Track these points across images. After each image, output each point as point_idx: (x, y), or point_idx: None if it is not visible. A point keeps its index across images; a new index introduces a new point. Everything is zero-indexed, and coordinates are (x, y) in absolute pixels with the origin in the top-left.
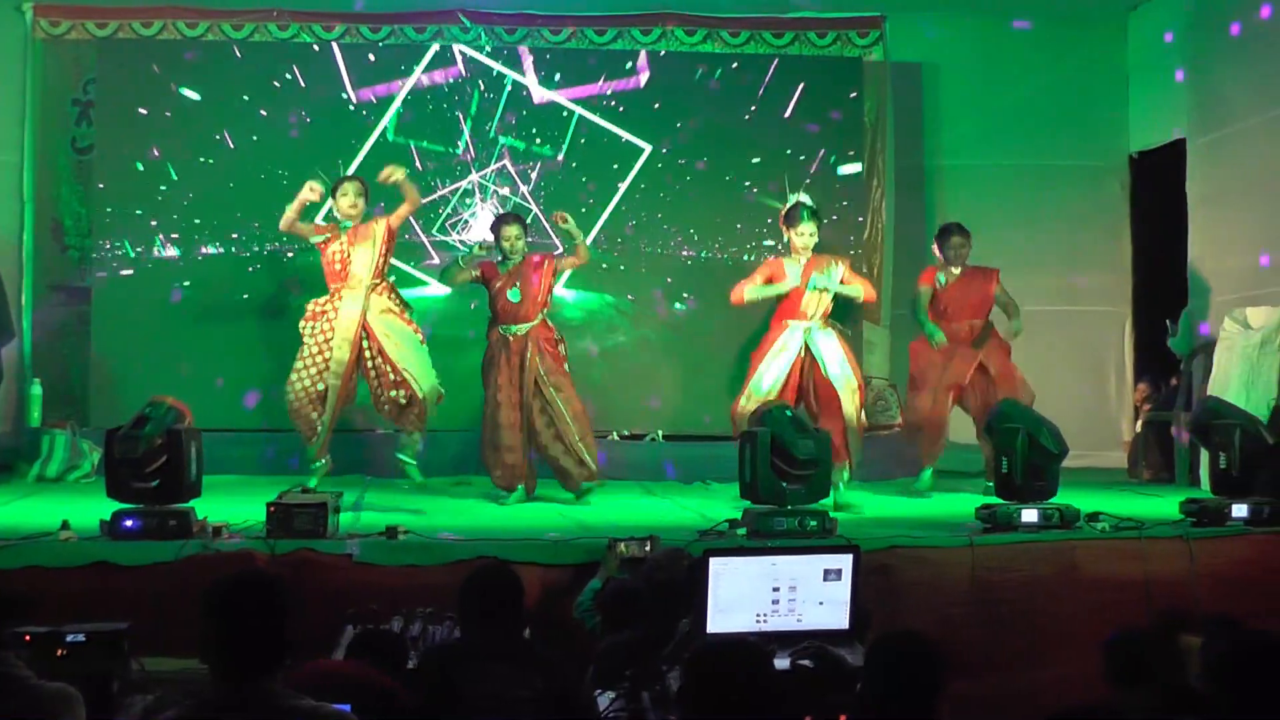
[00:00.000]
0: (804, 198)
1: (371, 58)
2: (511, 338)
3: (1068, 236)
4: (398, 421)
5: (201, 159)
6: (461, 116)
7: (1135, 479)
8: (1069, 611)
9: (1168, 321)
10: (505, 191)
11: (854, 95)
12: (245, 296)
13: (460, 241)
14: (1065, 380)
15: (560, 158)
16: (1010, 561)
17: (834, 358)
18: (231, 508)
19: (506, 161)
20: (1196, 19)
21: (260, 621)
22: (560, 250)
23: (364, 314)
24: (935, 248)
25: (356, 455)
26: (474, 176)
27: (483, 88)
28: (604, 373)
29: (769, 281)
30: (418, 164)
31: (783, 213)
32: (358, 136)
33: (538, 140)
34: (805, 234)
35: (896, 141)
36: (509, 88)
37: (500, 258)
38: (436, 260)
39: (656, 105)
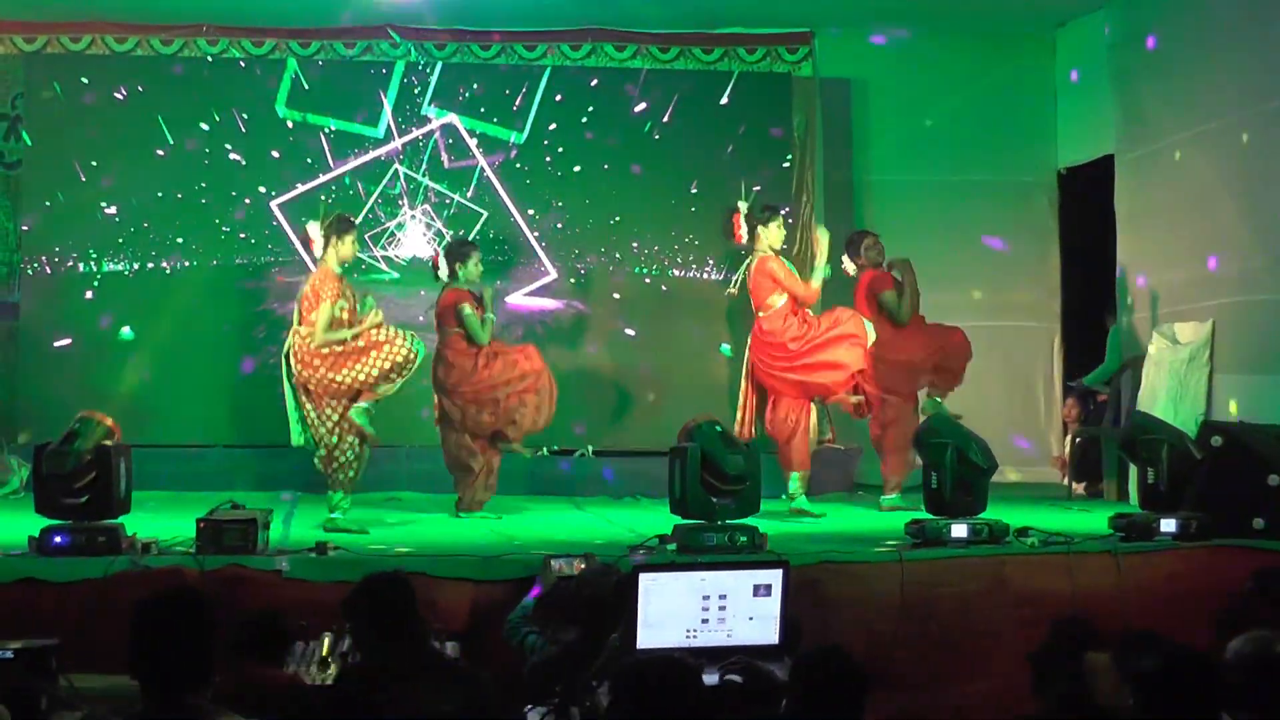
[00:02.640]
0: (743, 205)
1: (302, 74)
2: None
3: (996, 252)
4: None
5: (133, 174)
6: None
7: (1064, 494)
8: (998, 627)
9: (1106, 315)
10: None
11: (783, 111)
12: (177, 311)
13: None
14: (995, 395)
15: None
16: (939, 576)
17: None
18: (161, 524)
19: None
20: (1122, 36)
21: (189, 637)
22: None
23: None
24: (860, 257)
25: (286, 470)
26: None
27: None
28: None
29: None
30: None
31: (759, 213)
32: (291, 154)
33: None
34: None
35: (825, 156)
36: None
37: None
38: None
39: (584, 120)
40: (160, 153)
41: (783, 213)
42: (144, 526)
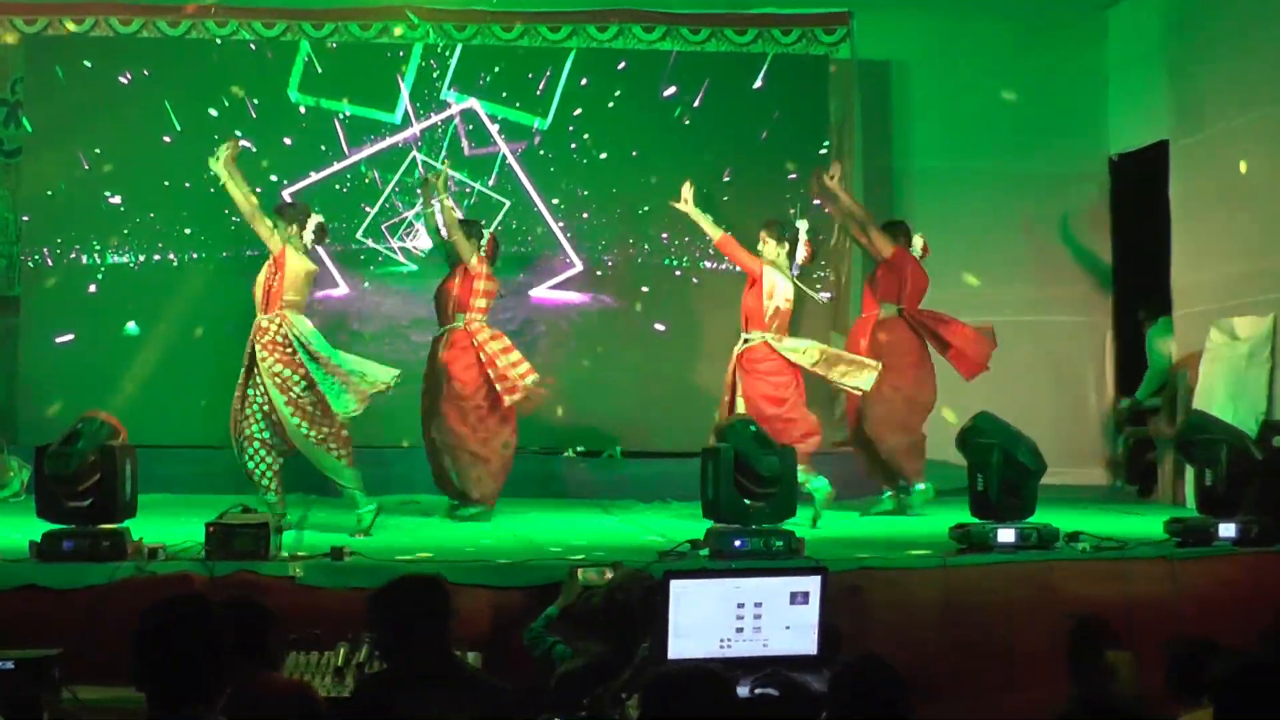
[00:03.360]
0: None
1: (315, 57)
2: None
3: (1044, 243)
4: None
5: (138, 162)
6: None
7: (1117, 497)
8: (1046, 636)
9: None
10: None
11: (819, 94)
12: (185, 305)
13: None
14: (1043, 394)
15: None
16: (985, 583)
17: None
18: (169, 528)
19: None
20: (1178, 16)
21: (197, 647)
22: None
23: None
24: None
25: (299, 473)
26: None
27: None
28: (570, 385)
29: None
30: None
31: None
32: (304, 141)
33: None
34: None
35: (864, 143)
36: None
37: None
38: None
39: (610, 105)
40: (167, 139)
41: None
42: (150, 531)
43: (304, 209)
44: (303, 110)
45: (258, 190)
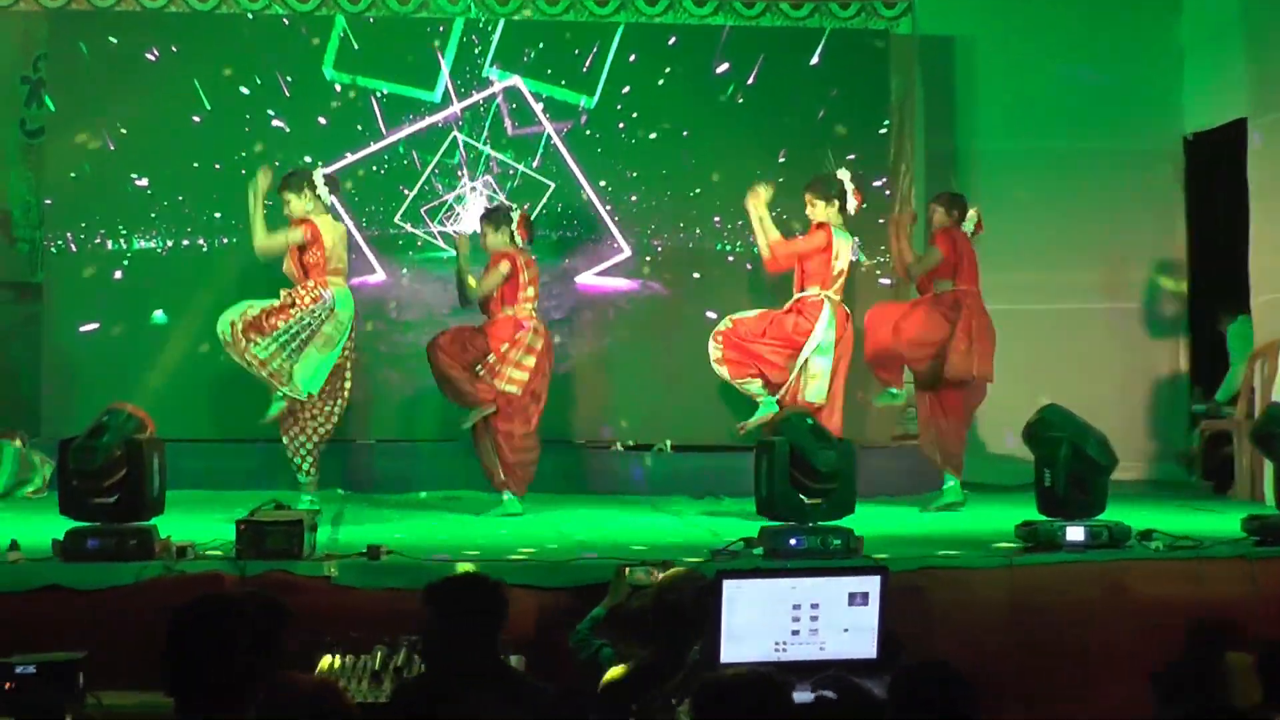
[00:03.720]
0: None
1: (351, 33)
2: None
3: (1115, 227)
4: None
5: (166, 143)
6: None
7: (1191, 493)
8: (1117, 639)
9: (1220, 316)
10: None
11: (879, 72)
12: (215, 293)
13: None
14: (1114, 385)
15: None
16: (1053, 584)
17: None
18: (198, 526)
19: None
20: None
21: (228, 650)
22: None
23: None
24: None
25: (334, 467)
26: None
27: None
28: (617, 376)
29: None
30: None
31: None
32: (339, 120)
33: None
34: None
35: (926, 123)
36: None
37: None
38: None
39: (660, 83)
40: (196, 119)
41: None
42: (179, 529)
43: (303, 172)
44: (338, 88)
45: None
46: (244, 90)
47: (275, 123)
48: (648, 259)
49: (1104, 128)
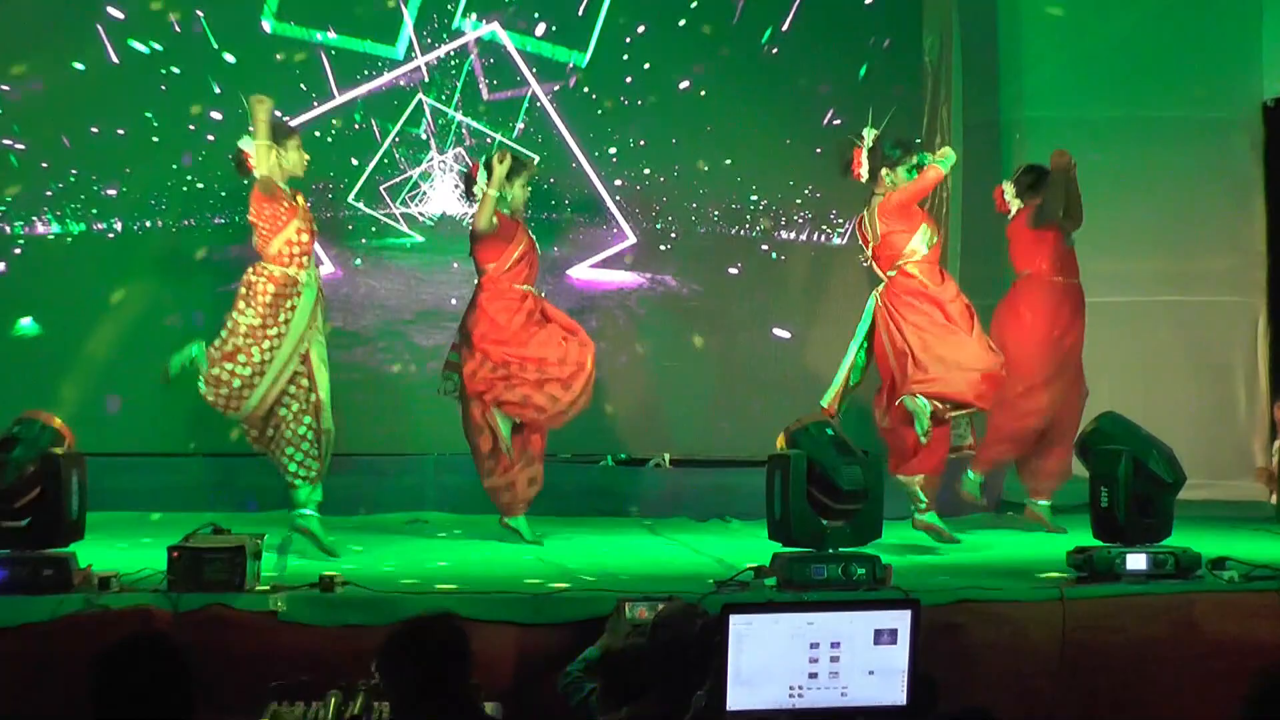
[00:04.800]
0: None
1: None
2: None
3: (1184, 207)
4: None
5: (58, 101)
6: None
7: (1272, 516)
8: (1185, 683)
9: None
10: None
11: (910, 28)
12: (136, 286)
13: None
14: (1181, 390)
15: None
16: (1112, 620)
17: None
18: (125, 553)
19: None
20: None
21: (160, 697)
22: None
23: None
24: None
25: (280, 486)
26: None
27: None
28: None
29: None
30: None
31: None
32: (281, 79)
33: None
34: None
35: (965, 89)
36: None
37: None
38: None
39: (675, 31)
40: (91, 70)
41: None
42: (102, 557)
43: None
44: (279, 40)
45: (210, 139)
46: (156, 45)
47: (197, 79)
48: (663, 248)
49: (1169, 94)
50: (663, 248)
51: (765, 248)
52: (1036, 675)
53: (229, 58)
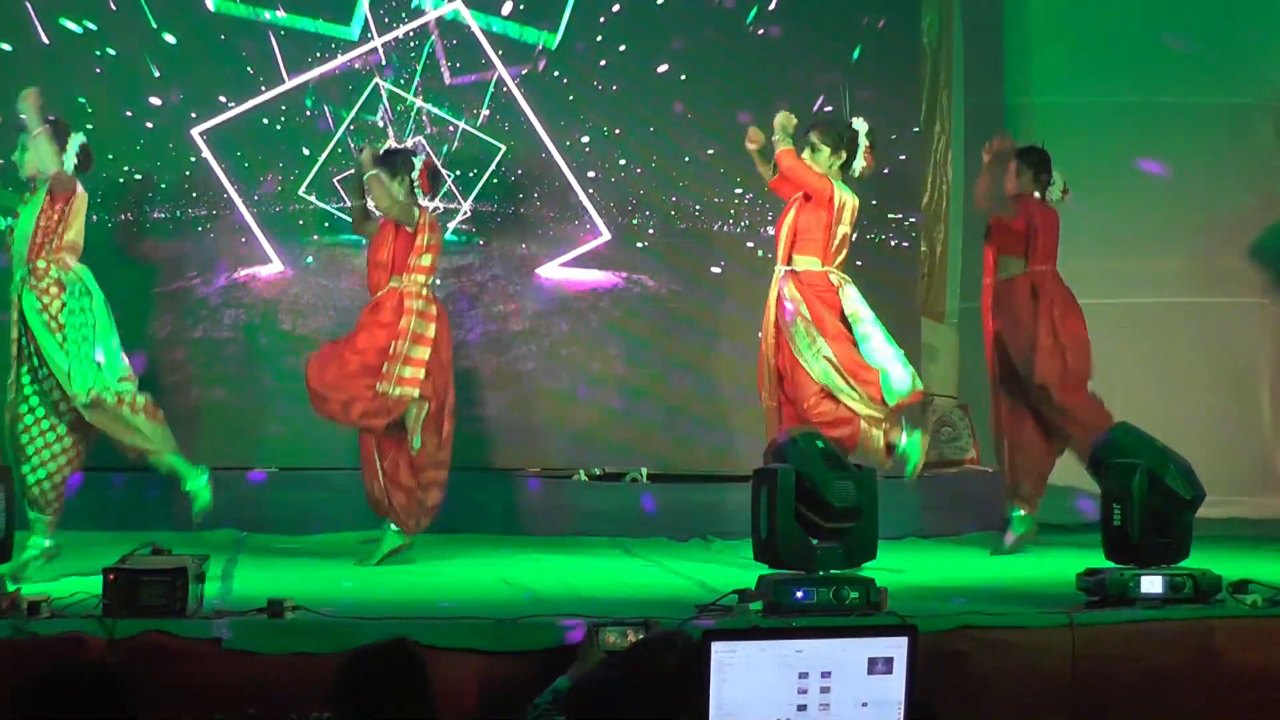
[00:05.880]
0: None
1: None
2: None
3: (1203, 201)
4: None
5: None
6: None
7: None
8: (1206, 715)
9: None
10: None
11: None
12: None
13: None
14: (1200, 398)
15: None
16: (1125, 648)
17: None
18: (55, 576)
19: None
20: None
21: None
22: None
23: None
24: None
25: (225, 502)
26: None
27: None
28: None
29: None
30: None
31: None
32: (224, 61)
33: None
34: None
35: (967, 73)
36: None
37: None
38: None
39: (652, 9)
40: (19, 51)
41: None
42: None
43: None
44: (221, 18)
45: (149, 125)
46: (90, 24)
47: (133, 61)
48: (640, 246)
49: (1186, 78)
50: (640, 244)
51: (750, 244)
52: (1044, 708)
53: (169, 38)
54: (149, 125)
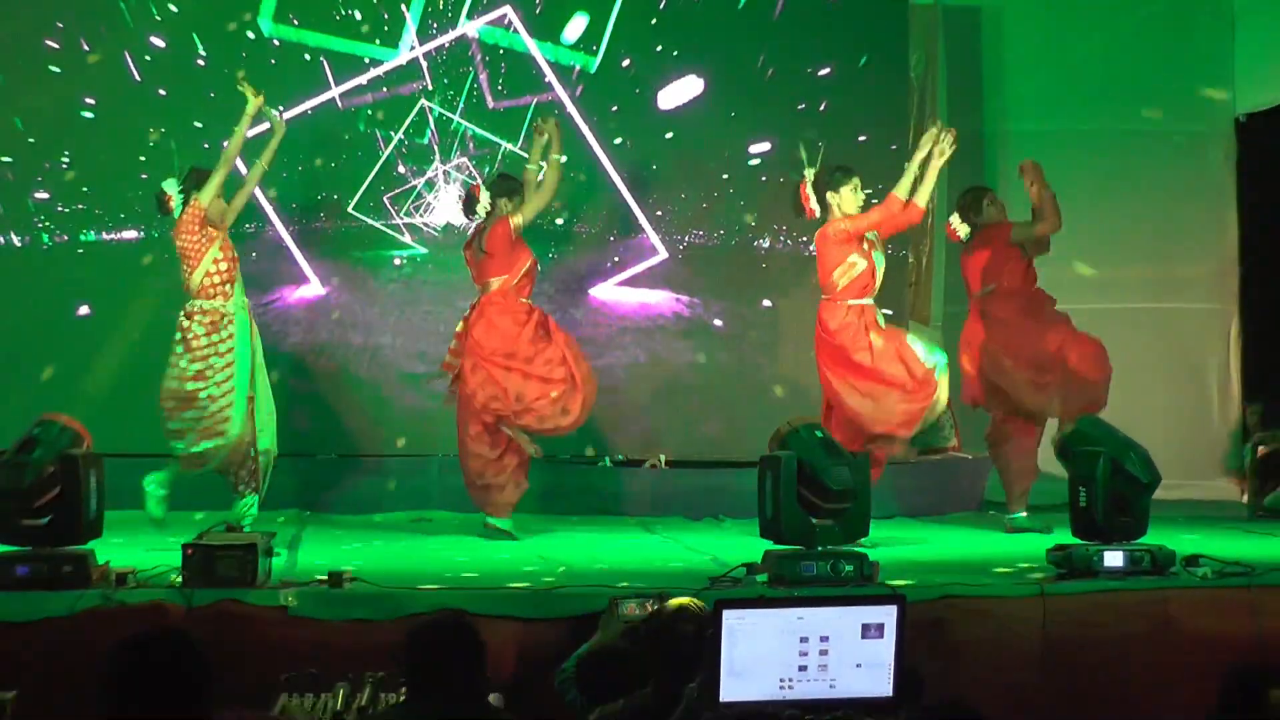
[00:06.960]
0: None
1: None
2: None
3: (1160, 217)
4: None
5: (85, 114)
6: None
7: (1244, 514)
8: (1162, 676)
9: None
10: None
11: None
12: (150, 291)
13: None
14: (1157, 393)
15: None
16: (1089, 615)
17: None
18: (140, 550)
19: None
20: None
21: (173, 690)
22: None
23: None
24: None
25: (291, 485)
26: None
27: None
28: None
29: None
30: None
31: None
32: (277, 83)
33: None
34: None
35: (950, 102)
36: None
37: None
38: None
39: (659, 49)
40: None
41: (857, 176)
42: (119, 554)
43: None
44: (276, 44)
45: (205, 146)
46: (147, 57)
47: (192, 89)
48: (696, 263)
49: (1146, 108)
50: (688, 265)
51: (750, 253)
52: (1018, 668)
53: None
54: (205, 146)
